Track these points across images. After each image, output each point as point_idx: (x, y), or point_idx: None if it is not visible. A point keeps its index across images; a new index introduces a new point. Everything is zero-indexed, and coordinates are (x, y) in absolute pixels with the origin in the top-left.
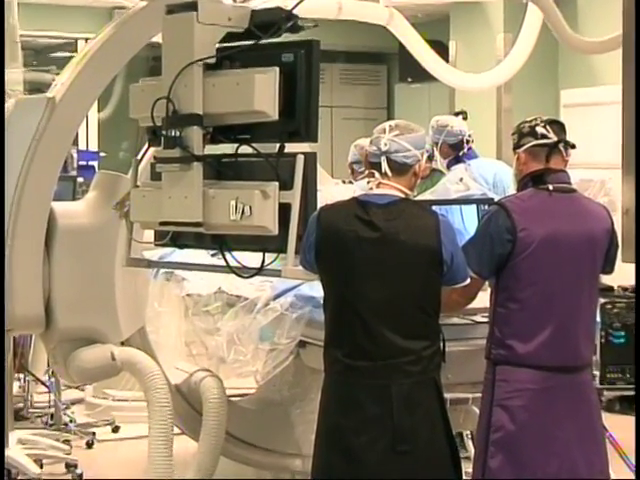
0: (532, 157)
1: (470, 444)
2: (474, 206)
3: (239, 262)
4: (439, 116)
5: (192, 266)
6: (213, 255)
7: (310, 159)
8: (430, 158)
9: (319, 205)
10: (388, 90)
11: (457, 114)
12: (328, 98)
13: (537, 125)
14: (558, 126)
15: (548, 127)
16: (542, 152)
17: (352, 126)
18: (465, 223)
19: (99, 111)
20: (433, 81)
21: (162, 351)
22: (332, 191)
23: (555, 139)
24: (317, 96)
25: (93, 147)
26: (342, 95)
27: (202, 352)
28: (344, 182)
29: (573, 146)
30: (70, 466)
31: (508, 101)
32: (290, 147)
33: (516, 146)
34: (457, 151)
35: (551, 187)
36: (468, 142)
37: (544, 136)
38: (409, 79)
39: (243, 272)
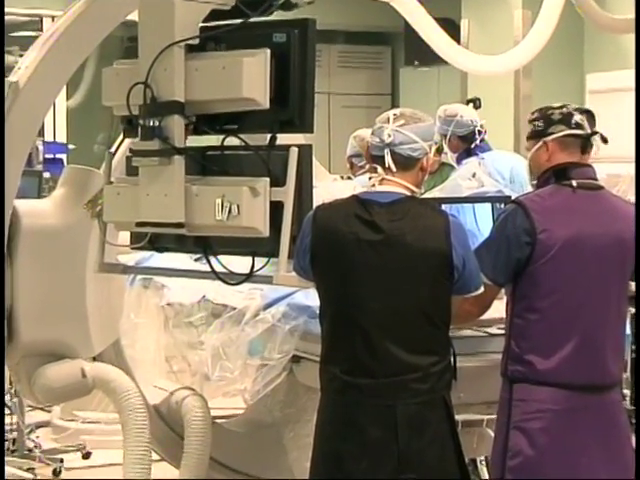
0: (561, 148)
1: (484, 471)
2: (488, 205)
3: (225, 267)
4: (446, 105)
5: (173, 272)
6: (196, 260)
7: (305, 152)
8: (439, 151)
9: (315, 204)
10: (392, 74)
11: (469, 102)
12: (325, 83)
13: (571, 113)
14: (589, 116)
15: (583, 116)
16: (573, 144)
17: (352, 115)
18: (478, 224)
19: (68, 98)
20: (443, 64)
21: (139, 367)
22: (329, 188)
23: (589, 131)
24: (313, 81)
25: (61, 138)
26: (341, 80)
27: (184, 368)
28: (343, 178)
29: (606, 140)
30: None
31: (527, 87)
32: (283, 139)
33: (540, 134)
34: (468, 143)
35: (575, 183)
36: (480, 133)
37: (579, 126)
38: (416, 62)
39: (230, 279)
